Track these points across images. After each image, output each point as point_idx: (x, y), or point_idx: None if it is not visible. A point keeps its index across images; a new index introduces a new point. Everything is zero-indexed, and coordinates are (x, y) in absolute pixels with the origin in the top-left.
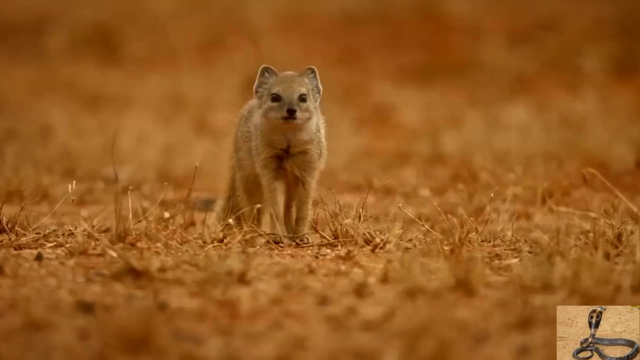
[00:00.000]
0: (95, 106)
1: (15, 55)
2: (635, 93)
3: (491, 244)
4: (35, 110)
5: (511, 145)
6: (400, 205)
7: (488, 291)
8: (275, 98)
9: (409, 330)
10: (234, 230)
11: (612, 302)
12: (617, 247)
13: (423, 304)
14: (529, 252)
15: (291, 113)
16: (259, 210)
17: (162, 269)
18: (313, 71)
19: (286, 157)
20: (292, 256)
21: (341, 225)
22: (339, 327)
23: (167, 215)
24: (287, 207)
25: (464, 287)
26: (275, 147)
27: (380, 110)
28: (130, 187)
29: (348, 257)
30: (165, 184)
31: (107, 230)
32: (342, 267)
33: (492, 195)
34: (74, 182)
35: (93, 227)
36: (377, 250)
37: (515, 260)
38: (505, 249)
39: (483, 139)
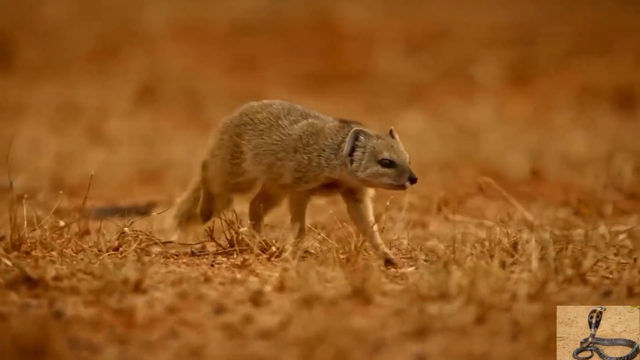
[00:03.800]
0: None
1: None
2: (530, 101)
3: None
4: None
5: (407, 153)
6: None
7: (384, 300)
8: (387, 164)
9: (305, 338)
10: (129, 238)
11: (508, 310)
12: (512, 256)
13: (319, 313)
14: (425, 260)
15: (414, 182)
16: (263, 209)
17: (58, 278)
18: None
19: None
20: (187, 264)
21: (237, 233)
22: (235, 335)
23: (62, 223)
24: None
25: (360, 295)
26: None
27: None
28: (25, 196)
29: (244, 266)
30: (60, 192)
31: (1, 239)
32: (238, 276)
33: (387, 203)
34: None
35: None
36: (273, 259)
37: (411, 269)
38: (401, 258)
39: None
